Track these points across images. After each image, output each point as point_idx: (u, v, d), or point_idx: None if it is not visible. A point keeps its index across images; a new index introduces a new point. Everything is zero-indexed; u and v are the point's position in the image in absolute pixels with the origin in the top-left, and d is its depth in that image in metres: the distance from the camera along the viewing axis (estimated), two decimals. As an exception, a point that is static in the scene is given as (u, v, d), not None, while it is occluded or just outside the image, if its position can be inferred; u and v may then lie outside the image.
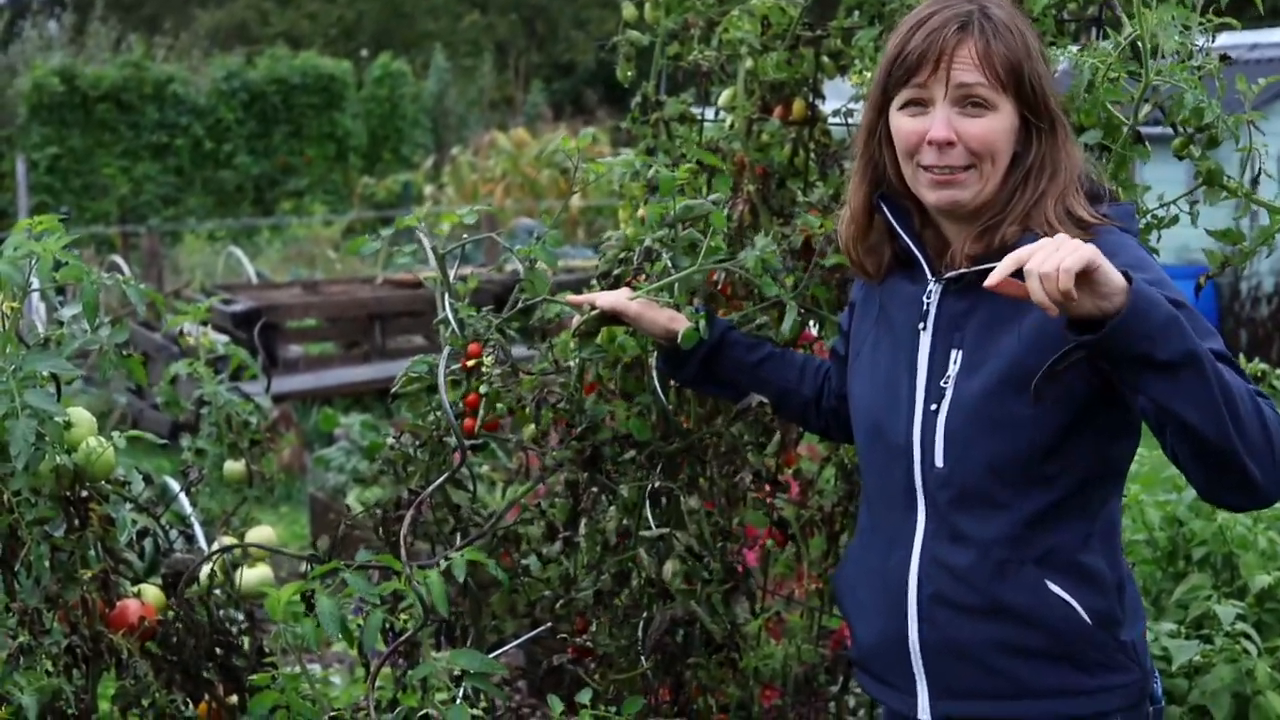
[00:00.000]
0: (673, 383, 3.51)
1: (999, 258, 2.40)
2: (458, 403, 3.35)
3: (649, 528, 3.47)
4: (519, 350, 3.54)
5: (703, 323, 3.19)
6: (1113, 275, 2.29)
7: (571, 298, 3.36)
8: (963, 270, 2.69)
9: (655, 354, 3.39)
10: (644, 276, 3.42)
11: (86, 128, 25.64)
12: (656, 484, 3.50)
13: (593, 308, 3.28)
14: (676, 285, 3.28)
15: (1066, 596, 2.61)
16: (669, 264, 3.33)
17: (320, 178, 27.20)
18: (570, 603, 3.60)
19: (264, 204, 26.64)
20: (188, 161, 26.42)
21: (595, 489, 3.57)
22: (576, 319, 3.38)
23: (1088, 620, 2.61)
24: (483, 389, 3.37)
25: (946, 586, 2.69)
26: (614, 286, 3.51)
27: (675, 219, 3.36)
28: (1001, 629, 2.65)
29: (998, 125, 2.63)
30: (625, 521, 3.50)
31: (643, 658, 3.52)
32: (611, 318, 3.30)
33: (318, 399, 12.14)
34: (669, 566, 3.47)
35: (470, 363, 3.39)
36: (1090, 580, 2.62)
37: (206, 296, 4.43)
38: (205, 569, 3.71)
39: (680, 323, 3.19)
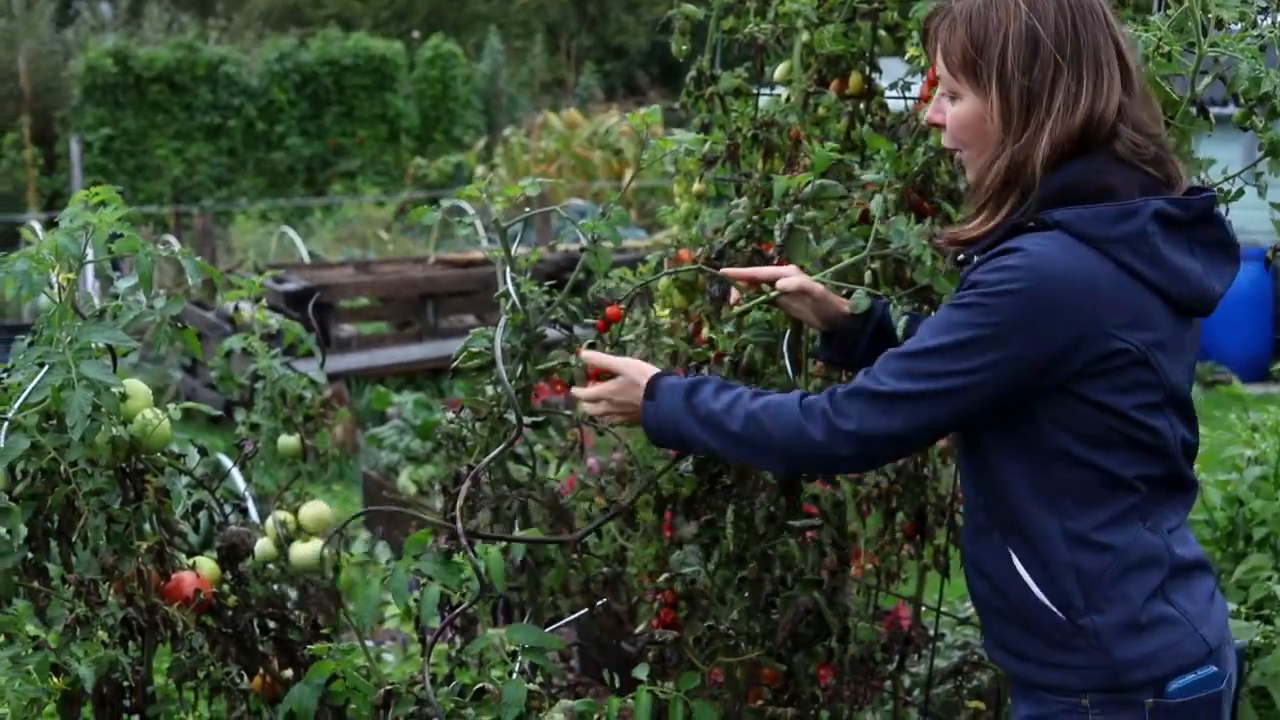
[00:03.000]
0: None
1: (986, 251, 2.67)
2: (523, 375, 3.34)
3: (796, 517, 3.47)
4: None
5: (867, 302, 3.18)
6: (629, 409, 3.04)
7: (742, 271, 3.30)
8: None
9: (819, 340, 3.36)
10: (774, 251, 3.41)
11: (140, 109, 25.73)
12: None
13: (771, 285, 3.24)
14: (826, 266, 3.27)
15: (1020, 567, 2.71)
16: (811, 241, 3.31)
17: (372, 159, 27.24)
18: (684, 582, 3.58)
19: (316, 185, 26.69)
20: (240, 143, 26.49)
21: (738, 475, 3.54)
22: (734, 294, 3.35)
23: (1039, 594, 2.69)
24: (628, 337, 3.36)
25: (964, 540, 2.93)
26: (745, 261, 3.53)
27: (809, 198, 3.34)
28: (984, 586, 2.83)
29: (961, 113, 2.72)
30: (773, 509, 3.47)
31: (764, 643, 3.53)
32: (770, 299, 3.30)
33: (370, 378, 12.17)
34: (812, 556, 3.47)
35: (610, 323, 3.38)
36: (1045, 558, 2.68)
37: (259, 275, 4.42)
38: (261, 542, 3.72)
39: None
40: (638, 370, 3.04)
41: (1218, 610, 2.76)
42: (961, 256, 2.85)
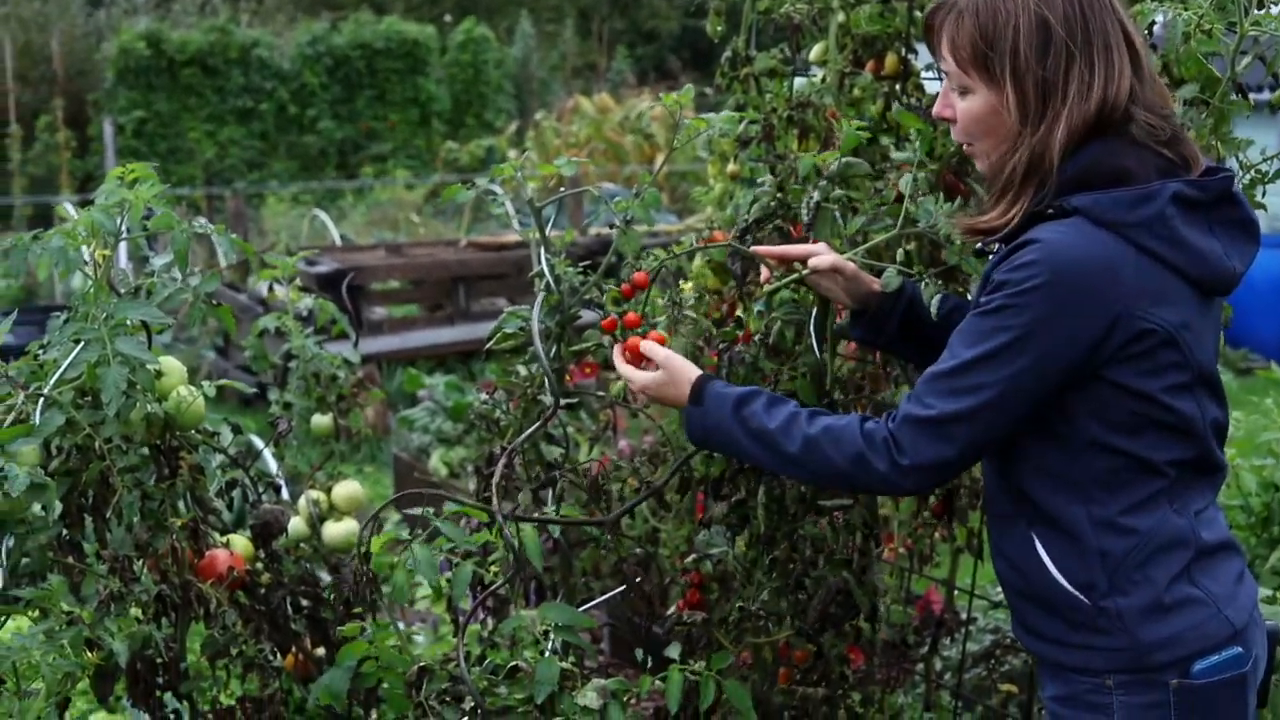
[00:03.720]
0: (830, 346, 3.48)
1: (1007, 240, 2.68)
2: (556, 356, 3.32)
3: (826, 497, 3.47)
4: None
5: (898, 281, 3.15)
6: (674, 401, 3.01)
7: (773, 249, 3.28)
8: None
9: (849, 318, 3.33)
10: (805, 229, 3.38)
11: (172, 92, 25.81)
12: None
13: (802, 263, 3.21)
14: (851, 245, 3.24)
15: (1042, 552, 2.72)
16: (839, 219, 3.29)
17: (403, 143, 27.27)
18: (712, 562, 3.56)
19: (347, 168, 26.74)
20: (272, 126, 26.55)
21: None
22: (765, 273, 3.33)
23: (1060, 579, 2.70)
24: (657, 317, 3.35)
25: (989, 524, 2.94)
26: (771, 240, 3.51)
27: (836, 175, 3.32)
28: (1008, 570, 2.84)
29: (974, 107, 2.71)
30: (803, 489, 3.46)
31: (794, 623, 3.52)
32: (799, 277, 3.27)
33: (401, 360, 12.18)
34: (844, 537, 3.46)
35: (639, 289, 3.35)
36: (1070, 542, 2.69)
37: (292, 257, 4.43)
38: (294, 521, 3.72)
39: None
40: (681, 369, 3.03)
41: (1245, 592, 2.76)
42: (981, 246, 2.87)
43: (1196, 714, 2.66)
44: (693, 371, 3.00)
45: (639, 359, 3.11)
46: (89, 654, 2.88)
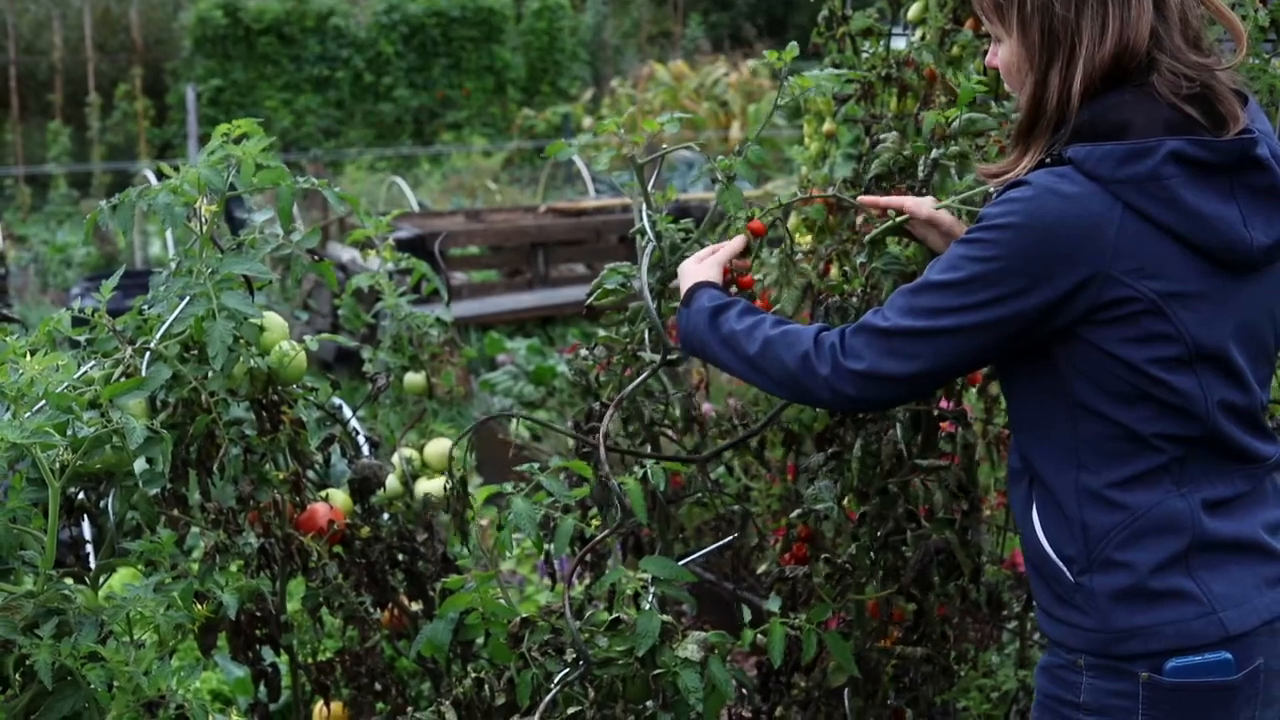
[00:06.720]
0: None
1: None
2: (658, 312, 3.32)
3: (923, 455, 3.45)
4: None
5: None
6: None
7: (873, 199, 3.24)
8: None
9: None
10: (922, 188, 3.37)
11: (249, 61, 25.90)
12: (935, 410, 3.47)
13: (899, 212, 3.17)
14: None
15: (1035, 516, 2.67)
16: (954, 175, 3.27)
17: (479, 110, 27.29)
18: (817, 517, 3.55)
19: (423, 136, 26.77)
20: (348, 94, 26.60)
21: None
22: (860, 220, 3.32)
23: (1046, 546, 2.64)
24: (759, 276, 3.35)
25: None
26: (884, 194, 3.47)
27: (957, 131, 3.30)
28: (1020, 530, 2.77)
29: (1002, 56, 2.65)
30: (900, 445, 3.44)
31: (892, 581, 3.52)
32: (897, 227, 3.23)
33: (481, 325, 12.22)
34: (939, 496, 3.43)
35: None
36: (1055, 509, 2.62)
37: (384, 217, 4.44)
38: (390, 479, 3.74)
39: None
40: (686, 274, 3.06)
41: (1269, 600, 2.59)
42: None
43: (1165, 713, 2.55)
44: (696, 279, 3.02)
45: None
46: (199, 606, 2.91)
